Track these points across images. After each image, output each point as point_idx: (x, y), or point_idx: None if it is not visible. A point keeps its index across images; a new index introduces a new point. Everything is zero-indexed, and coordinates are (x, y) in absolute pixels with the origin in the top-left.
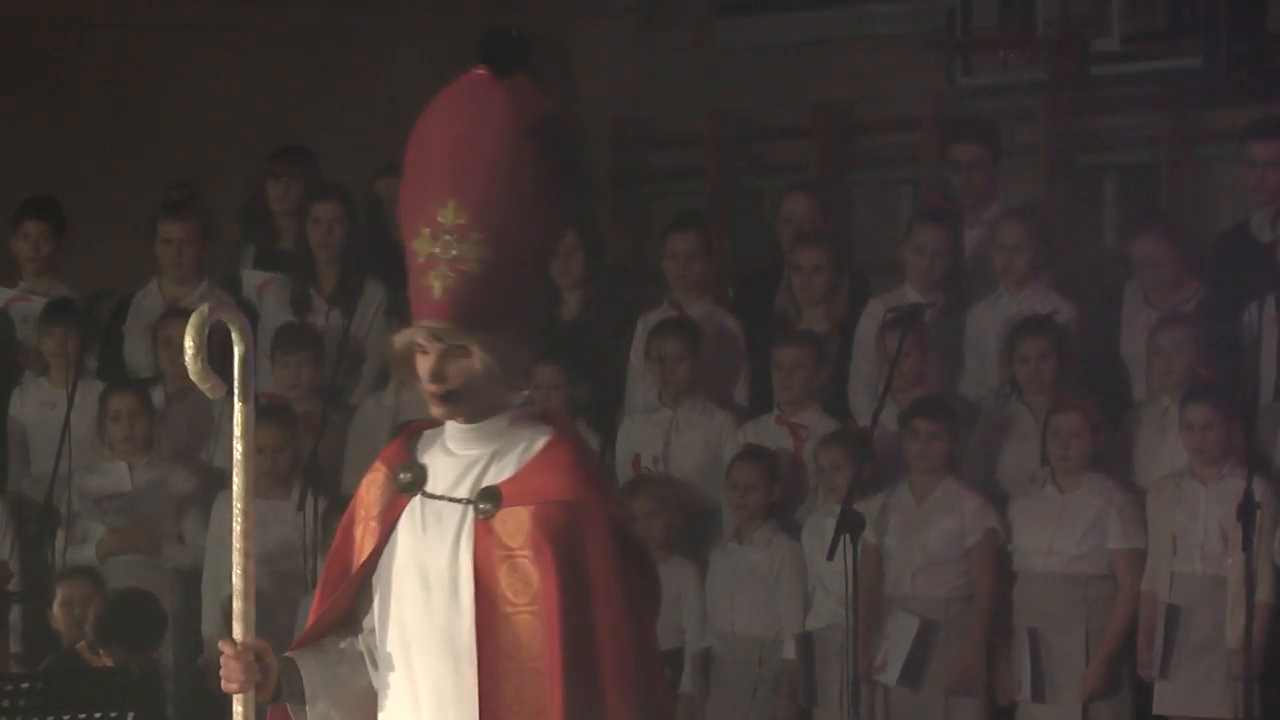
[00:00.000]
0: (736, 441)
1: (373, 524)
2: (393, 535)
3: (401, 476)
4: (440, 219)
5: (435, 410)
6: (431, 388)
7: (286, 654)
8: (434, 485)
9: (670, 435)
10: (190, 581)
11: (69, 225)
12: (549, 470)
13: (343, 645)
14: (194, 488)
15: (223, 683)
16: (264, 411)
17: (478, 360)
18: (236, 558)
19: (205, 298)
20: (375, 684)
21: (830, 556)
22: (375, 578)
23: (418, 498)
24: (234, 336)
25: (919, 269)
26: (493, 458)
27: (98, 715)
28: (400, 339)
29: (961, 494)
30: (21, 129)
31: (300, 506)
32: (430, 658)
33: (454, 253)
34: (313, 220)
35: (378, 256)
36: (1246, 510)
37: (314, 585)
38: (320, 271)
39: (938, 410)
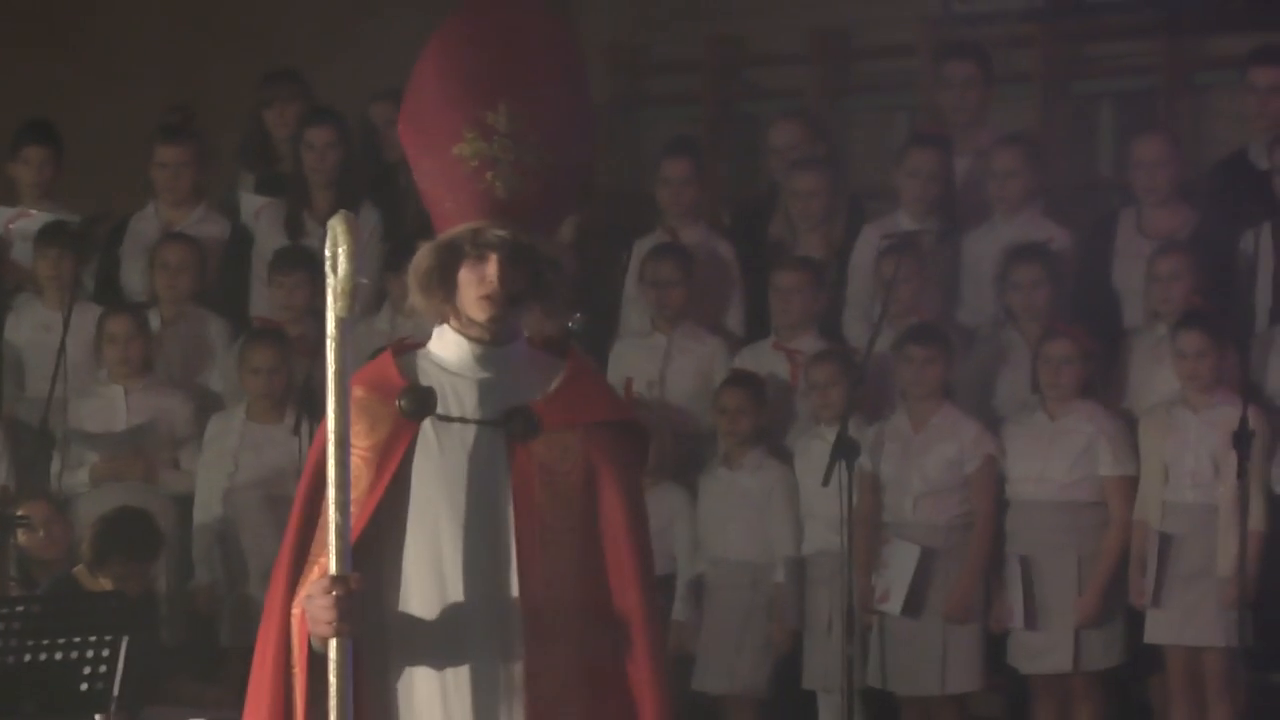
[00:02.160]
0: (729, 367)
1: (370, 455)
2: (405, 465)
3: (404, 401)
4: (490, 122)
5: (484, 315)
6: (492, 290)
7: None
8: (446, 409)
9: (664, 360)
10: (185, 506)
11: (66, 149)
12: (586, 393)
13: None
14: (190, 413)
15: (325, 626)
16: (256, 334)
17: (547, 262)
18: (332, 491)
19: (202, 221)
20: (390, 625)
21: (826, 483)
22: (388, 513)
23: (428, 422)
24: (342, 251)
25: (913, 193)
26: (512, 380)
27: (93, 638)
28: (440, 246)
29: (960, 421)
30: (17, 52)
31: (295, 430)
32: (466, 590)
33: (514, 155)
34: (306, 145)
35: (373, 181)
36: (1241, 438)
37: None
38: (315, 196)
39: (931, 336)
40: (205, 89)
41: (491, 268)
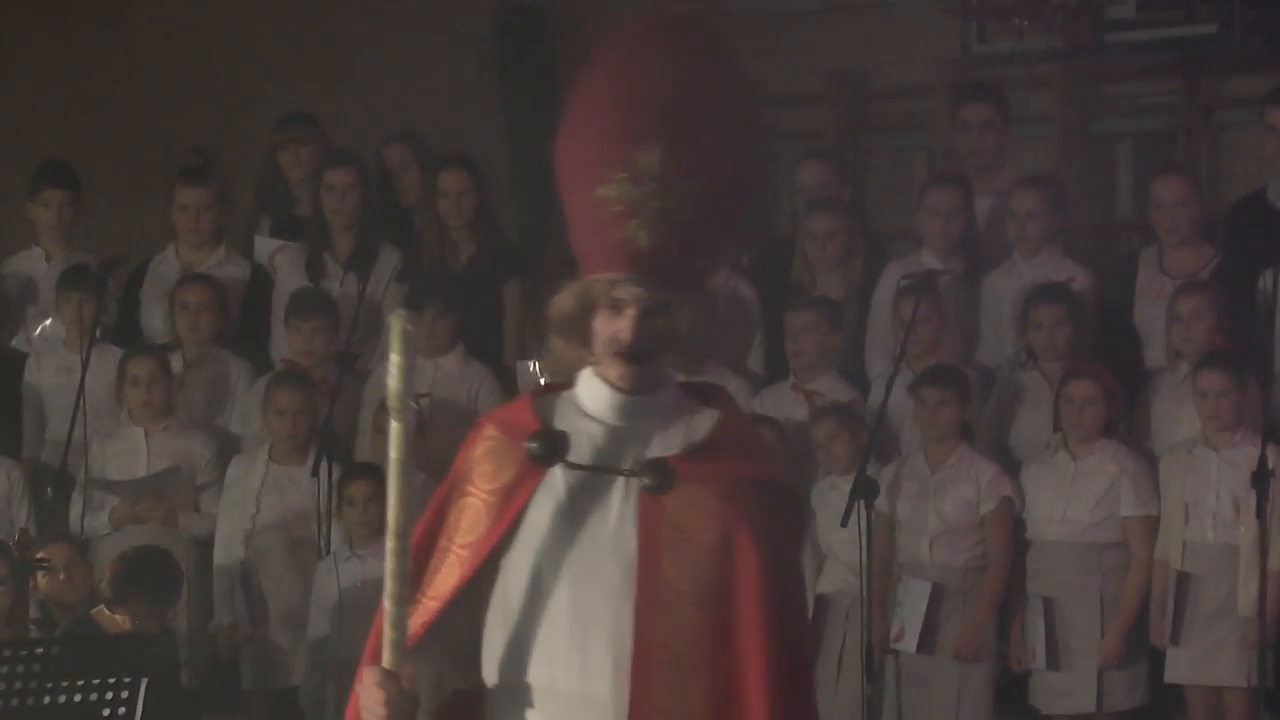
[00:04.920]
0: (751, 409)
1: (491, 499)
2: (525, 511)
3: (533, 445)
4: (642, 165)
5: (617, 371)
6: (624, 347)
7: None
8: (579, 455)
9: None
10: (206, 549)
11: (85, 191)
12: (730, 448)
13: (453, 653)
14: (211, 455)
15: (370, 716)
16: (282, 377)
17: (684, 320)
18: (388, 583)
19: (223, 263)
20: (493, 674)
21: (844, 523)
22: (504, 559)
23: (557, 468)
24: (396, 344)
25: (935, 230)
26: (655, 430)
27: (112, 680)
28: (579, 292)
29: (977, 462)
30: (39, 94)
31: (314, 472)
32: (578, 646)
33: (663, 203)
34: (326, 187)
35: (390, 223)
36: (1260, 478)
37: (328, 551)
38: (335, 238)
39: (946, 378)
40: (222, 132)
41: (625, 323)
